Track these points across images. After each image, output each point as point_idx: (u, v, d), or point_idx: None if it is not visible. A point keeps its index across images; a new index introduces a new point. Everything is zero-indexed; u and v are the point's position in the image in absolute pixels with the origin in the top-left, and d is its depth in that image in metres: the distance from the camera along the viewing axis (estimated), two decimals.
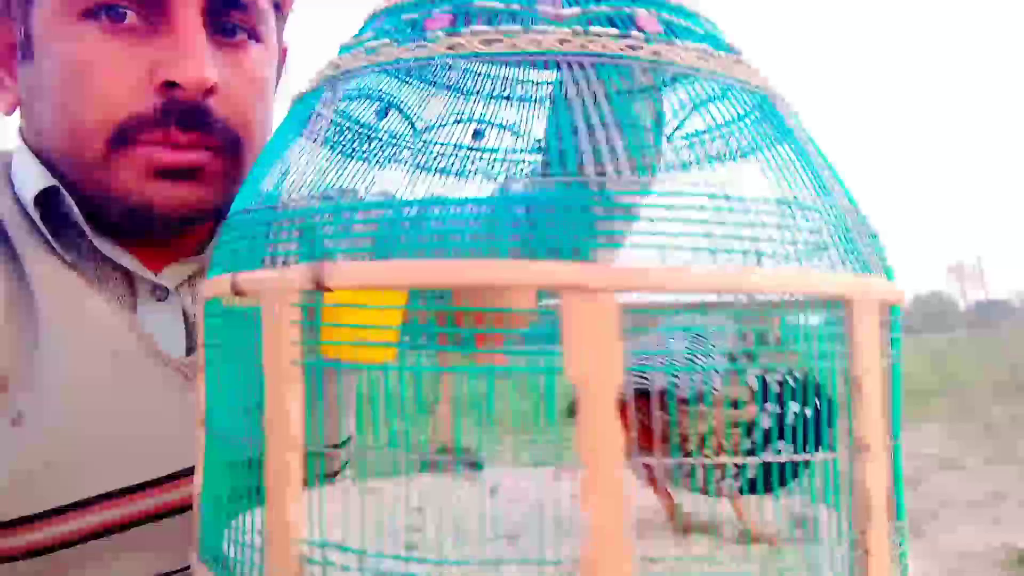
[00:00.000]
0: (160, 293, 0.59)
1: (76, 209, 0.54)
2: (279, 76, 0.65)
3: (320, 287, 0.28)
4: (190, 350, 0.59)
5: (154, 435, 0.55)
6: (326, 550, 0.30)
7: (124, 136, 0.52)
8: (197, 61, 0.52)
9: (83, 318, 0.54)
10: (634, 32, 0.32)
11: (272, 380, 0.29)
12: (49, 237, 0.54)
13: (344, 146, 0.42)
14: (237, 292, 0.32)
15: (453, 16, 0.34)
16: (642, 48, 0.32)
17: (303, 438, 0.29)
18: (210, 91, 0.53)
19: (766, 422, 0.36)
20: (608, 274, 0.26)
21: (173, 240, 0.60)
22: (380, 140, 0.43)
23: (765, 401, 0.36)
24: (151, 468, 0.55)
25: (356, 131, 0.42)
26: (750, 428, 0.37)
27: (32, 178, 0.54)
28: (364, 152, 0.43)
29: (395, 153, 0.44)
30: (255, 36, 0.58)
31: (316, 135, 0.36)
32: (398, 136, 0.44)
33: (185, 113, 0.53)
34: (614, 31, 0.32)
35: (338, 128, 0.41)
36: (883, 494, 0.30)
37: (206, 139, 0.54)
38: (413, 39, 0.34)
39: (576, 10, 0.33)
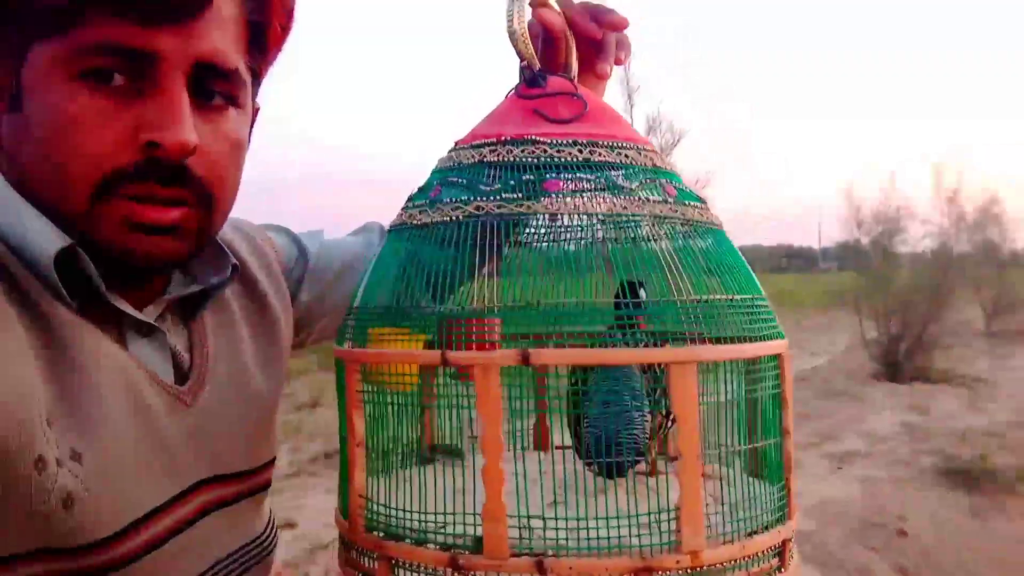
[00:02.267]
0: (146, 330, 0.63)
1: (93, 267, 0.57)
2: (250, 132, 0.68)
3: (526, 363, 0.43)
4: (181, 380, 0.65)
5: (165, 457, 0.62)
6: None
7: (107, 189, 0.55)
8: (180, 126, 0.55)
9: (101, 357, 0.58)
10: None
11: (488, 423, 0.43)
12: (62, 289, 0.56)
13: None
14: (447, 363, 0.45)
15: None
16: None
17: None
18: (189, 153, 0.56)
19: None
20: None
21: (145, 283, 0.64)
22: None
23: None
24: (169, 487, 0.62)
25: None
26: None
27: (45, 235, 0.56)
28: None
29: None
30: (233, 101, 0.61)
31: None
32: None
33: (165, 171, 0.56)
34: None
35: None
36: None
37: (183, 194, 0.58)
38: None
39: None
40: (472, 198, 0.48)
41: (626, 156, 0.52)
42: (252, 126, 0.69)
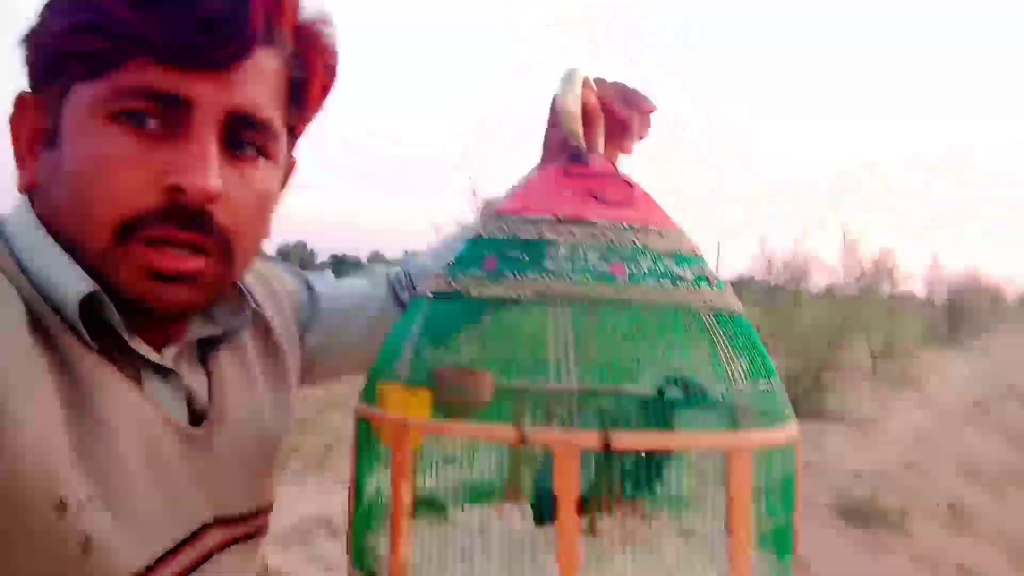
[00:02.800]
0: (164, 372, 0.63)
1: (116, 313, 0.57)
2: (285, 185, 0.69)
3: (607, 447, 0.44)
4: (198, 422, 0.65)
5: (176, 499, 0.62)
6: None
7: (128, 231, 0.56)
8: (205, 172, 0.55)
9: (119, 401, 0.58)
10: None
11: (565, 502, 0.44)
12: (84, 333, 0.56)
13: None
14: (522, 440, 0.45)
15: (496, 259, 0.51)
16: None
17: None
18: (212, 199, 0.56)
19: None
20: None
21: (163, 325, 0.64)
22: None
23: None
24: (180, 529, 0.62)
25: None
26: None
27: (71, 278, 0.57)
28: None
29: None
30: (265, 153, 0.61)
31: None
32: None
33: (187, 215, 0.56)
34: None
35: None
36: None
37: (204, 241, 0.58)
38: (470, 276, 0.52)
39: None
40: (541, 276, 0.49)
41: (673, 242, 0.54)
42: (287, 179, 0.69)
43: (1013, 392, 8.95)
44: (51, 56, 0.57)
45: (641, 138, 0.70)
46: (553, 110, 0.78)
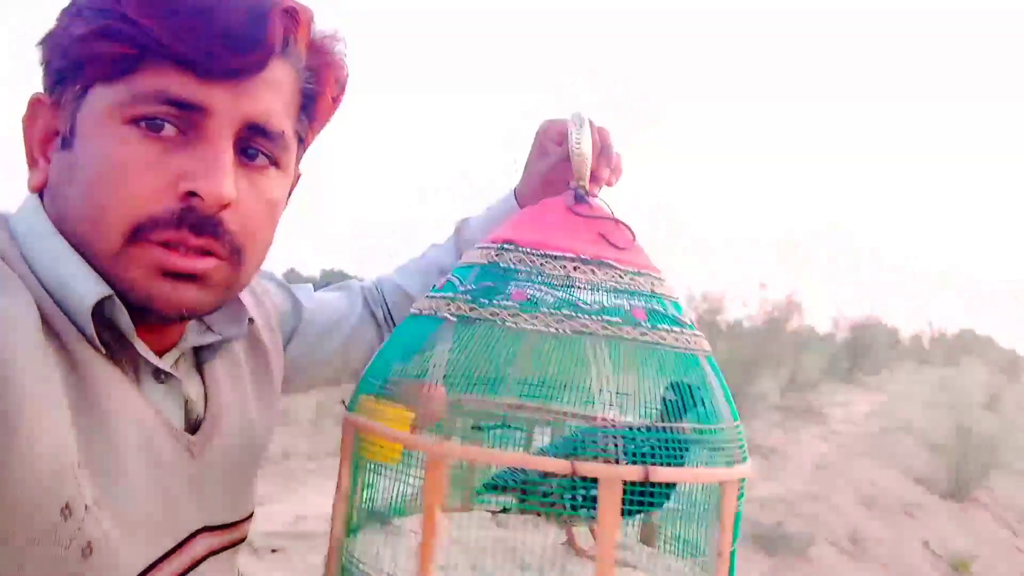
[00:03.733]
0: (164, 377, 0.64)
1: (127, 316, 0.58)
2: (289, 196, 0.70)
3: (646, 481, 0.49)
4: (193, 428, 0.67)
5: (170, 506, 0.63)
6: None
7: (139, 234, 0.57)
8: (220, 179, 0.57)
9: (123, 405, 0.59)
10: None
11: (608, 533, 0.49)
12: (95, 336, 0.57)
13: None
14: (575, 473, 0.49)
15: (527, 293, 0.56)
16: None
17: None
18: (226, 206, 0.58)
19: None
20: None
21: (164, 328, 0.65)
22: None
23: None
24: (172, 537, 0.63)
25: None
26: None
27: (85, 281, 0.57)
28: None
29: None
30: (276, 163, 0.63)
31: None
32: None
33: (199, 221, 0.57)
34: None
35: None
36: None
37: (215, 245, 0.59)
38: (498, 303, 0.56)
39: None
40: (576, 314, 0.53)
41: (668, 288, 0.60)
42: (292, 190, 0.71)
43: (908, 427, 9.42)
44: (71, 59, 0.58)
45: (610, 184, 0.77)
46: (541, 141, 0.84)
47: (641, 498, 0.52)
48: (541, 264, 0.56)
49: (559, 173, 0.80)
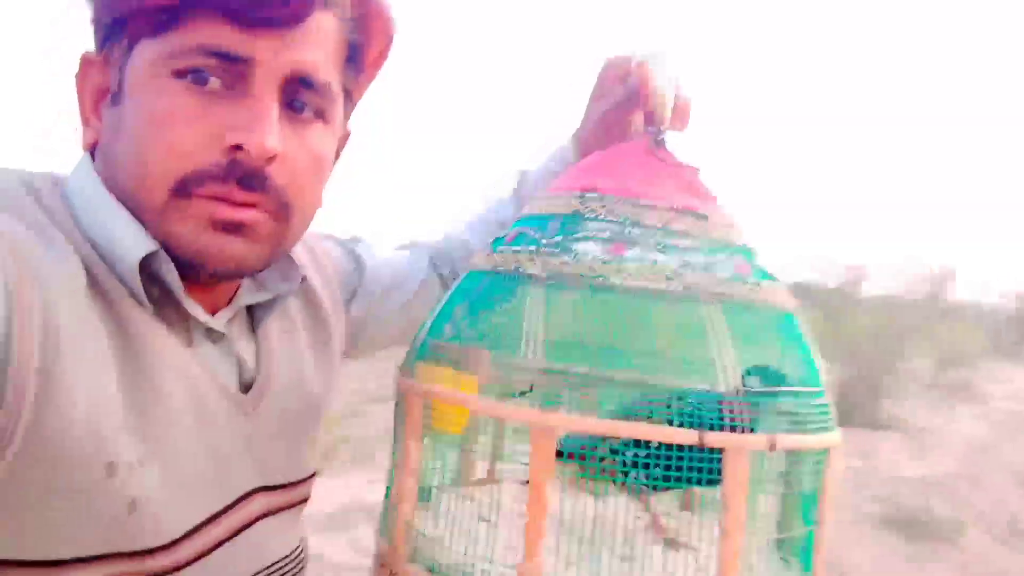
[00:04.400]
0: (216, 336, 0.64)
1: (175, 272, 0.58)
2: (338, 156, 0.69)
3: (773, 448, 0.46)
4: (246, 387, 0.66)
5: (222, 465, 0.62)
6: None
7: (186, 188, 0.56)
8: (265, 131, 0.56)
9: (172, 363, 0.59)
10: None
11: (735, 506, 0.46)
12: (142, 293, 0.57)
13: None
14: (704, 443, 0.46)
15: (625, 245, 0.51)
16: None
17: None
18: (272, 159, 0.57)
19: None
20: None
21: (217, 287, 0.65)
22: None
23: None
24: (223, 496, 0.63)
25: None
26: None
27: (133, 237, 0.57)
28: None
29: None
30: (322, 116, 0.62)
31: None
32: None
33: (246, 174, 0.56)
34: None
35: None
36: None
37: (262, 200, 0.58)
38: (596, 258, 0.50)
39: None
40: (686, 270, 0.49)
41: (746, 238, 0.55)
42: (341, 149, 0.70)
43: None
44: (117, 13, 0.58)
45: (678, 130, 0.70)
46: (601, 80, 0.77)
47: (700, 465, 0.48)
48: (635, 214, 0.52)
49: (621, 115, 0.75)
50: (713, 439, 0.46)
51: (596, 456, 0.54)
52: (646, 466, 0.50)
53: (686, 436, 0.46)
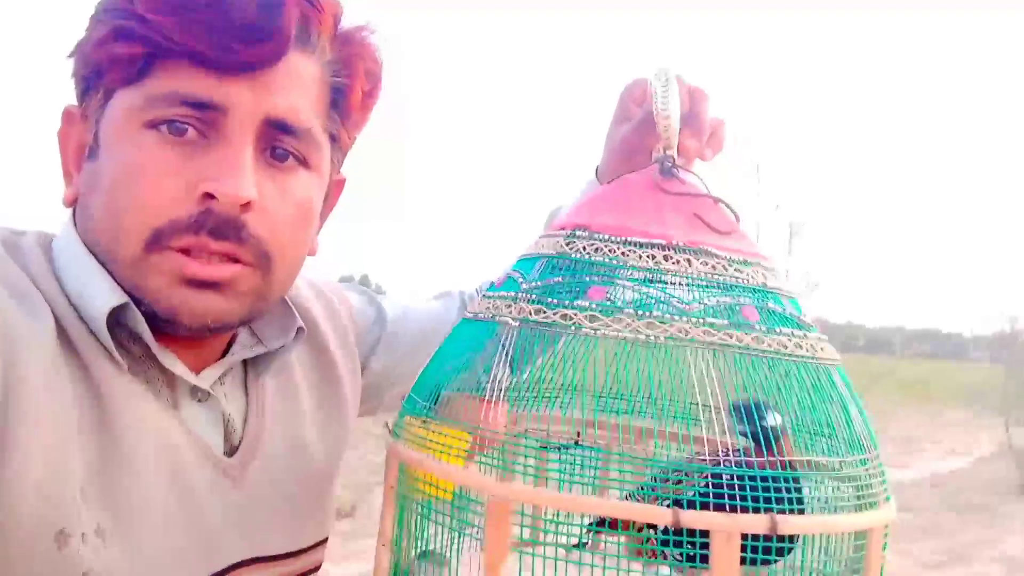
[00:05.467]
0: (201, 395, 0.61)
1: (145, 324, 0.56)
2: (329, 203, 0.67)
3: (774, 532, 0.40)
4: (230, 451, 0.62)
5: (203, 535, 0.59)
6: None
7: (159, 240, 0.54)
8: (238, 178, 0.54)
9: (146, 426, 0.56)
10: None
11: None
12: (114, 349, 0.55)
13: None
14: (679, 524, 0.40)
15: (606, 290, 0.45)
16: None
17: None
18: (247, 207, 0.55)
19: None
20: None
21: (204, 342, 0.61)
22: None
23: None
24: (203, 568, 0.58)
25: None
26: None
27: (102, 290, 0.55)
28: None
29: None
30: (306, 163, 0.60)
31: None
32: None
33: (219, 224, 0.54)
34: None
35: None
36: None
37: (237, 251, 0.56)
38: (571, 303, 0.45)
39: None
40: (671, 316, 0.43)
41: (781, 279, 0.48)
42: (335, 196, 0.68)
43: None
44: (93, 65, 0.57)
45: (705, 159, 0.65)
46: (622, 103, 0.74)
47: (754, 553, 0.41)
48: (623, 253, 0.46)
49: (642, 140, 0.70)
50: (692, 519, 0.39)
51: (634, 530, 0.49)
52: (678, 543, 0.43)
53: (659, 515, 0.39)
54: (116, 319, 0.55)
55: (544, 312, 0.46)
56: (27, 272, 0.56)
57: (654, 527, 0.44)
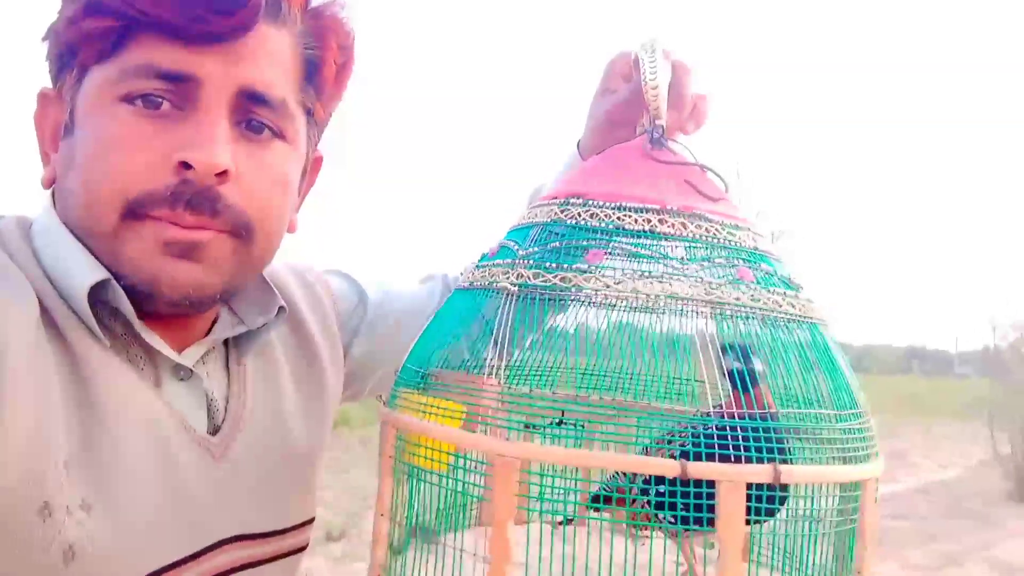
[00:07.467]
0: (184, 373, 0.61)
1: (126, 300, 0.56)
2: (308, 180, 0.67)
3: (777, 481, 0.40)
4: (213, 430, 0.63)
5: (188, 511, 0.59)
6: None
7: (135, 211, 0.54)
8: (213, 147, 0.54)
9: (130, 402, 0.56)
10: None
11: (730, 546, 0.41)
12: (95, 327, 0.55)
13: None
14: (686, 475, 0.40)
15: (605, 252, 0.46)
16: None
17: None
18: (223, 176, 0.55)
19: None
20: None
21: (186, 321, 0.62)
22: None
23: None
24: (187, 544, 0.59)
25: None
26: None
27: (82, 268, 0.55)
28: None
29: None
30: (282, 135, 0.60)
31: None
32: None
33: (196, 195, 0.55)
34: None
35: None
36: None
37: (213, 223, 0.56)
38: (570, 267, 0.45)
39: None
40: (671, 275, 0.44)
41: (768, 244, 0.49)
42: (313, 173, 0.68)
43: None
44: (66, 43, 0.57)
45: (687, 133, 0.66)
46: (609, 77, 0.74)
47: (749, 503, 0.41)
48: (618, 218, 0.47)
49: (626, 113, 0.70)
50: (699, 470, 0.39)
51: (628, 498, 0.50)
52: (672, 506, 0.43)
53: (667, 467, 0.40)
54: (97, 297, 0.55)
55: (543, 276, 0.46)
56: (7, 253, 0.56)
57: (661, 482, 0.44)
